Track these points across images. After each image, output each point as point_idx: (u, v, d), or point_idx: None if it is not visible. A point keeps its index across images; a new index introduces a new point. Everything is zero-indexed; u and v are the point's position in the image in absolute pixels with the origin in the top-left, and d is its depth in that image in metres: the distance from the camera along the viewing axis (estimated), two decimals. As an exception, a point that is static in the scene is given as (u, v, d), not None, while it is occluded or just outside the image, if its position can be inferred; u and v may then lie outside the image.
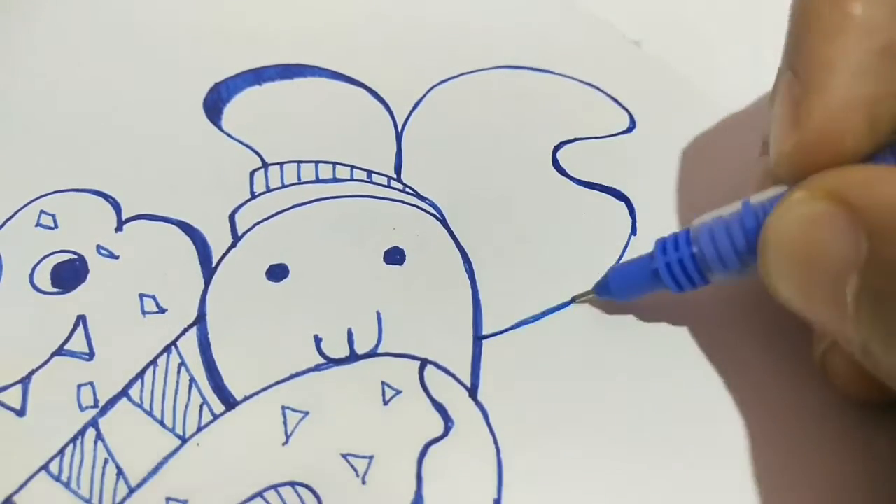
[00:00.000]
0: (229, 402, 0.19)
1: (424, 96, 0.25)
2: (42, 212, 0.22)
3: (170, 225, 0.22)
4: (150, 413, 0.19)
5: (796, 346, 0.20)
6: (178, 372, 0.20)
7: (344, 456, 0.19)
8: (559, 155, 0.23)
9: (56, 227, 0.22)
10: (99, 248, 0.22)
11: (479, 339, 0.20)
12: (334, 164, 0.23)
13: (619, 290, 0.20)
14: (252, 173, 0.23)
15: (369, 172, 0.23)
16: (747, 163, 0.23)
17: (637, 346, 0.20)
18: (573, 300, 0.21)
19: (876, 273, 0.14)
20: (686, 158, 0.23)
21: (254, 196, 0.22)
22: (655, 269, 0.19)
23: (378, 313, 0.21)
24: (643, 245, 0.22)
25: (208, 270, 0.21)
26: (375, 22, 0.26)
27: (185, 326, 0.20)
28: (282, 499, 0.18)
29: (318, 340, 0.20)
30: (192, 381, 0.19)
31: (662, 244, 0.19)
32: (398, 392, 0.19)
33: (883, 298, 0.14)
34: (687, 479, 0.19)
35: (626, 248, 0.22)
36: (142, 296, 0.21)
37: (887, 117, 0.16)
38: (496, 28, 0.26)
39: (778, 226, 0.16)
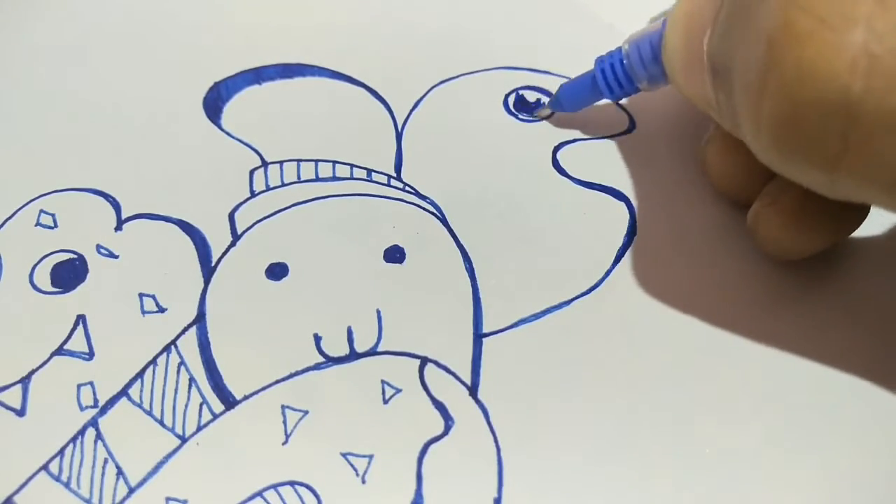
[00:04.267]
0: (229, 402, 0.19)
1: (425, 96, 0.25)
2: (42, 211, 0.22)
3: (169, 224, 0.22)
4: (149, 412, 0.19)
5: (796, 345, 0.20)
6: (178, 371, 0.20)
7: (344, 455, 0.19)
8: (559, 155, 0.24)
9: (56, 226, 0.22)
10: (99, 247, 0.22)
11: (479, 337, 0.20)
12: (334, 162, 0.23)
13: (568, 102, 0.24)
14: (252, 172, 0.23)
15: (369, 171, 0.23)
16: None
17: (637, 345, 0.20)
18: (536, 114, 0.24)
19: (723, 12, 0.17)
20: (685, 159, 0.23)
21: (253, 195, 0.22)
22: (592, 76, 0.23)
23: (378, 312, 0.21)
24: (643, 245, 0.22)
25: (208, 269, 0.21)
26: (376, 21, 0.26)
27: (185, 326, 0.20)
28: (281, 498, 0.18)
29: (317, 339, 0.20)
30: (191, 380, 0.19)
31: (600, 58, 0.22)
32: (398, 391, 0.19)
33: (724, 29, 0.17)
34: (686, 479, 0.19)
35: (625, 247, 0.22)
36: (141, 295, 0.21)
37: None
38: (496, 28, 0.26)
39: (673, 10, 0.19)
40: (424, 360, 0.20)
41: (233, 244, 0.22)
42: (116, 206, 0.22)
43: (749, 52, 0.16)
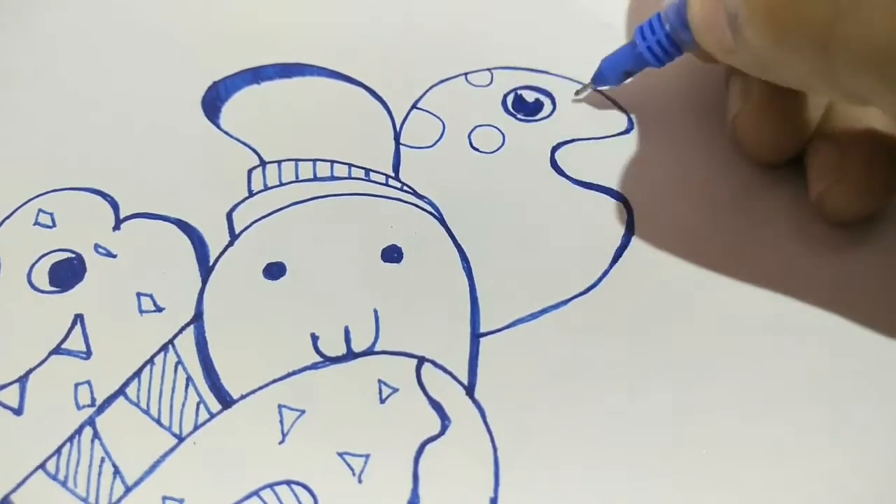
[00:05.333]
0: (226, 401, 0.19)
1: (423, 96, 0.25)
2: (40, 210, 0.22)
3: (167, 223, 0.22)
4: (146, 412, 0.19)
5: (797, 345, 0.20)
6: (175, 370, 0.20)
7: (340, 454, 0.19)
8: (557, 155, 0.24)
9: (54, 225, 0.22)
10: (97, 246, 0.22)
11: (476, 337, 0.20)
12: (332, 162, 0.23)
13: (612, 74, 0.24)
14: (250, 172, 0.23)
15: (367, 171, 0.23)
16: (746, 163, 0.23)
17: (635, 345, 0.20)
18: (577, 93, 0.24)
19: None
20: (683, 158, 0.23)
21: (251, 194, 0.22)
22: (633, 44, 0.23)
23: (375, 311, 0.21)
24: (641, 245, 0.22)
25: (205, 269, 0.21)
26: (374, 21, 0.26)
27: (183, 325, 0.20)
28: (278, 497, 0.18)
29: (314, 338, 0.20)
30: (188, 379, 0.19)
31: (640, 31, 0.22)
32: (395, 390, 0.19)
33: None
34: (686, 479, 0.19)
35: (623, 247, 0.22)
36: (139, 294, 0.21)
37: None
38: (494, 28, 0.26)
39: None
40: (421, 360, 0.20)
41: (230, 244, 0.22)
42: (115, 206, 0.22)
43: None
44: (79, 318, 0.20)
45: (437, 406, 0.19)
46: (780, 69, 0.18)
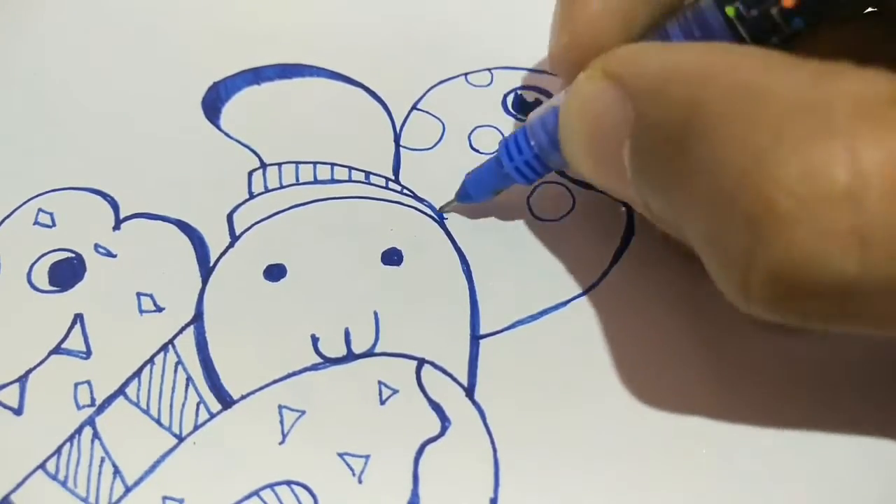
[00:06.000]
0: (226, 401, 0.19)
1: (423, 97, 0.25)
2: (40, 210, 0.22)
3: (168, 224, 0.22)
4: (146, 412, 0.19)
5: (797, 346, 0.20)
6: (175, 371, 0.20)
7: (340, 455, 0.19)
8: (557, 155, 0.24)
9: (54, 225, 0.22)
10: (97, 246, 0.22)
11: (476, 338, 0.20)
12: (332, 165, 0.23)
13: (477, 194, 0.22)
14: (250, 174, 0.23)
15: (367, 174, 0.23)
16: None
17: (634, 346, 0.20)
18: (441, 209, 0.22)
19: (642, 133, 0.16)
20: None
21: (252, 196, 0.22)
22: (506, 173, 0.20)
23: (375, 313, 0.21)
24: (641, 246, 0.22)
25: (206, 269, 0.21)
26: (374, 22, 0.26)
27: (183, 325, 0.20)
28: (278, 498, 0.18)
29: (315, 340, 0.20)
30: (188, 379, 0.19)
31: (506, 148, 0.20)
32: (395, 391, 0.19)
33: (651, 156, 0.16)
34: (685, 480, 0.19)
35: (623, 248, 0.22)
36: (139, 294, 0.21)
37: (640, 18, 0.18)
38: (495, 28, 0.26)
39: (567, 107, 0.18)
40: (421, 362, 0.20)
41: (231, 245, 0.22)
42: (115, 206, 0.22)
43: (713, 218, 0.15)
44: (79, 318, 0.20)
45: (437, 407, 0.19)
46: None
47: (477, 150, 0.24)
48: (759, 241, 0.14)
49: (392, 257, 0.22)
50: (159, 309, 0.21)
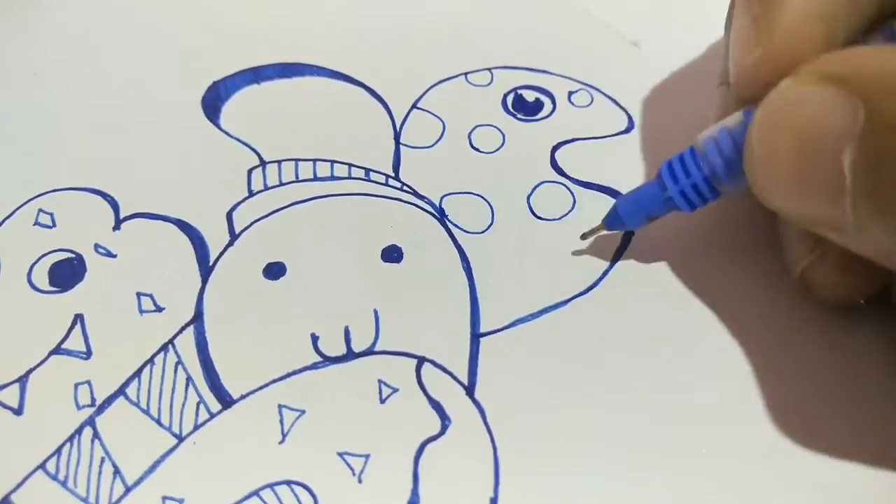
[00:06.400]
0: (226, 401, 0.19)
1: (423, 96, 0.25)
2: (40, 210, 0.22)
3: (167, 223, 0.22)
4: (146, 412, 0.19)
5: (798, 345, 0.20)
6: (175, 370, 0.20)
7: (340, 454, 0.19)
8: (557, 155, 0.24)
9: (54, 225, 0.22)
10: (97, 246, 0.22)
11: (476, 337, 0.20)
12: (332, 162, 0.23)
13: (631, 220, 0.20)
14: (250, 171, 0.23)
15: (367, 171, 0.23)
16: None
17: (634, 346, 0.20)
18: (583, 236, 0.21)
19: (874, 136, 0.14)
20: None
21: (251, 194, 0.22)
22: (670, 196, 0.19)
23: (375, 311, 0.21)
24: (640, 245, 0.22)
25: (206, 269, 0.21)
26: (374, 21, 0.26)
27: (183, 325, 0.20)
28: (278, 497, 0.18)
29: (314, 338, 0.20)
30: (188, 379, 0.19)
31: (670, 170, 0.19)
32: (395, 390, 0.19)
33: (882, 162, 0.14)
34: (685, 479, 0.19)
35: (623, 247, 0.22)
36: (139, 294, 0.21)
37: (843, 27, 0.17)
38: (495, 28, 0.26)
39: (764, 118, 0.16)
40: (421, 360, 0.20)
41: (230, 243, 0.22)
42: (115, 206, 0.22)
43: None
44: (79, 318, 0.20)
45: (437, 406, 0.19)
46: None
47: (477, 150, 0.24)
48: None
49: (392, 255, 0.21)
50: (159, 309, 0.21)
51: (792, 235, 0.20)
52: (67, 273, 0.21)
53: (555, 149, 0.24)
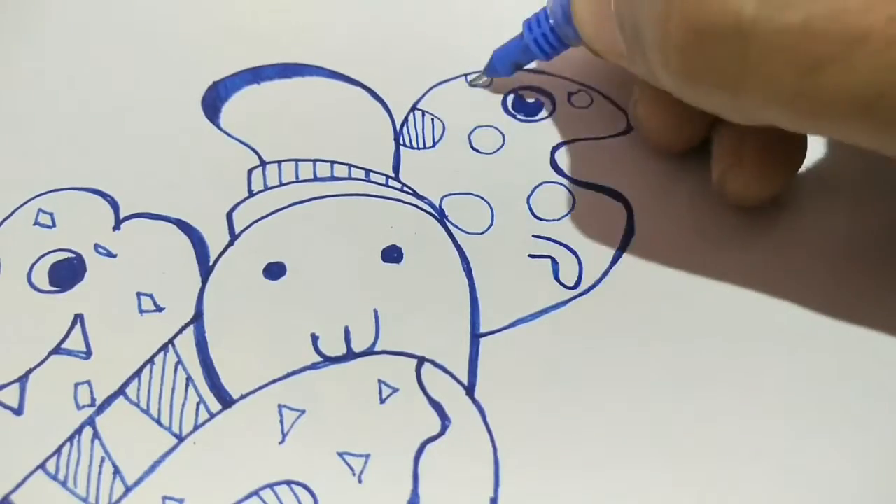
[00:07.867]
0: (226, 401, 0.19)
1: (423, 96, 0.25)
2: (40, 210, 0.22)
3: (168, 223, 0.22)
4: (146, 412, 0.19)
5: (798, 343, 0.20)
6: (175, 370, 0.20)
7: (340, 454, 0.19)
8: (557, 155, 0.24)
9: (54, 225, 0.22)
10: (97, 246, 0.22)
11: (476, 337, 0.20)
12: (332, 162, 0.23)
13: (502, 65, 0.24)
14: (250, 172, 0.23)
15: (367, 171, 0.23)
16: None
17: (635, 346, 0.20)
18: (471, 84, 0.25)
19: None
20: (683, 158, 0.23)
21: (251, 194, 0.22)
22: (527, 44, 0.23)
23: (375, 311, 0.21)
24: (641, 245, 0.22)
25: (205, 269, 0.21)
26: (375, 21, 0.26)
27: (183, 325, 0.20)
28: (278, 497, 0.18)
29: (314, 338, 0.20)
30: (188, 379, 0.19)
31: (527, 24, 0.23)
32: (395, 390, 0.19)
33: None
34: (685, 479, 0.19)
35: (623, 248, 0.22)
36: (139, 294, 0.21)
37: None
38: (495, 28, 0.26)
39: None
40: (421, 360, 0.20)
41: (230, 243, 0.22)
42: (115, 206, 0.22)
43: None
44: (79, 318, 0.20)
45: (437, 406, 0.19)
46: (687, 98, 0.18)
47: (477, 150, 0.24)
48: None
49: (392, 255, 0.21)
50: (159, 309, 0.21)
51: (715, 152, 0.22)
52: (67, 273, 0.21)
53: (555, 149, 0.24)
